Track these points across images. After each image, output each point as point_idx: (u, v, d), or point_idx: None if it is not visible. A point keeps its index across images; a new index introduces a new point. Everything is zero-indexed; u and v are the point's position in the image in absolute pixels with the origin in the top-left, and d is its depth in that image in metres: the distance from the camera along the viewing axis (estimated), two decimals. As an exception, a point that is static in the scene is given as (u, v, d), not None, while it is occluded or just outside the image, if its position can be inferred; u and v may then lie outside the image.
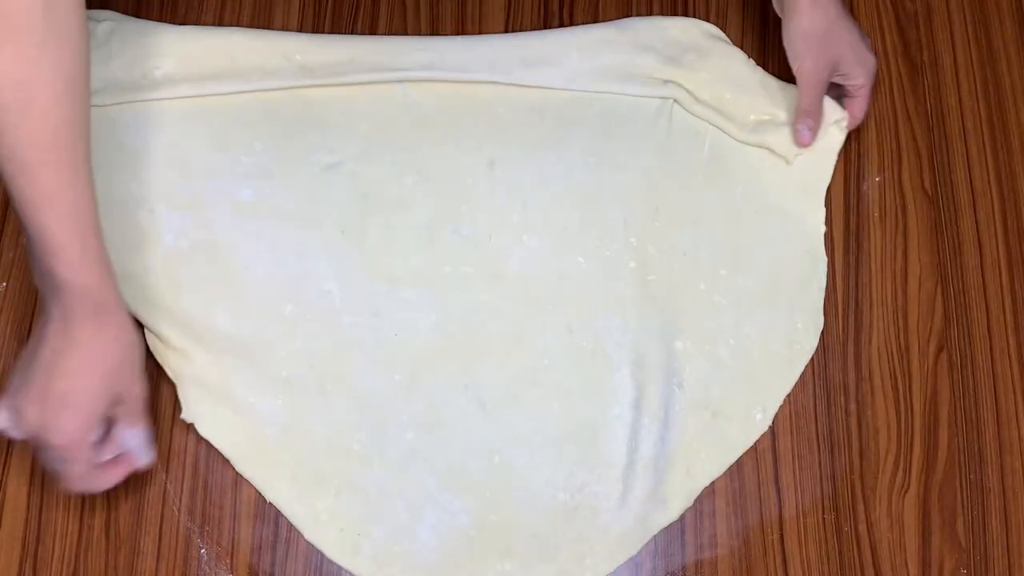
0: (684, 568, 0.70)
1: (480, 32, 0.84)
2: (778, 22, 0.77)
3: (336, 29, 0.83)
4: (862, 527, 0.71)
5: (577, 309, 0.75)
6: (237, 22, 0.83)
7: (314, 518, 0.70)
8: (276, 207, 0.76)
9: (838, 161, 0.80)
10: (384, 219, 0.77)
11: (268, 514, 0.71)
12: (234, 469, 0.71)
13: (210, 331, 0.73)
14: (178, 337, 0.73)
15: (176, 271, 0.74)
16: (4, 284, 0.76)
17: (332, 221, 0.76)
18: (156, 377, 0.73)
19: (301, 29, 0.83)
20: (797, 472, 0.73)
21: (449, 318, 0.75)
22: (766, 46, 0.84)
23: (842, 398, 0.75)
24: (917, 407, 0.74)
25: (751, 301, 0.76)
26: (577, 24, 0.84)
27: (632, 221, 0.77)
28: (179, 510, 0.71)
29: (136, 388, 0.65)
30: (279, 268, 0.75)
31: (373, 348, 0.74)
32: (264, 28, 0.82)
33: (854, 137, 0.81)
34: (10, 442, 0.71)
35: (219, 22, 0.83)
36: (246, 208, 0.76)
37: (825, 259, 0.78)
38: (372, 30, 0.83)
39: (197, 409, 0.71)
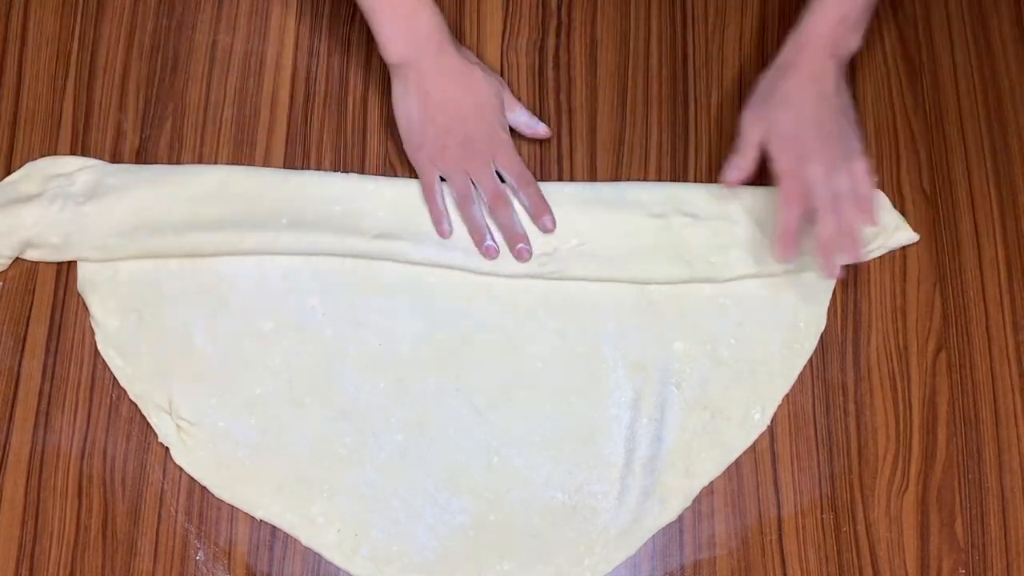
0: (683, 568, 0.70)
1: (479, 32, 0.83)
2: (777, 20, 0.76)
3: (334, 26, 0.83)
4: (861, 527, 0.71)
5: (570, 317, 0.75)
6: (235, 19, 0.83)
7: (310, 522, 0.70)
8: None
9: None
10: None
11: (266, 514, 0.71)
12: (232, 469, 0.71)
13: (186, 350, 0.73)
14: (153, 363, 0.73)
15: (160, 283, 0.74)
16: (1, 284, 0.75)
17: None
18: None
19: (299, 26, 0.83)
20: (796, 472, 0.73)
21: (435, 327, 0.74)
22: (765, 46, 0.84)
23: (841, 398, 0.75)
24: (916, 407, 0.74)
25: (757, 300, 0.76)
26: (575, 24, 0.84)
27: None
28: (176, 511, 0.70)
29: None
30: (264, 283, 0.75)
31: (356, 358, 0.74)
32: (263, 26, 0.82)
33: (853, 137, 0.81)
34: (7, 442, 0.71)
35: (216, 20, 0.83)
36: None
37: None
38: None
39: (169, 438, 0.72)
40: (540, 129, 0.79)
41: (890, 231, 0.77)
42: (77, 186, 0.76)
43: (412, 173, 0.79)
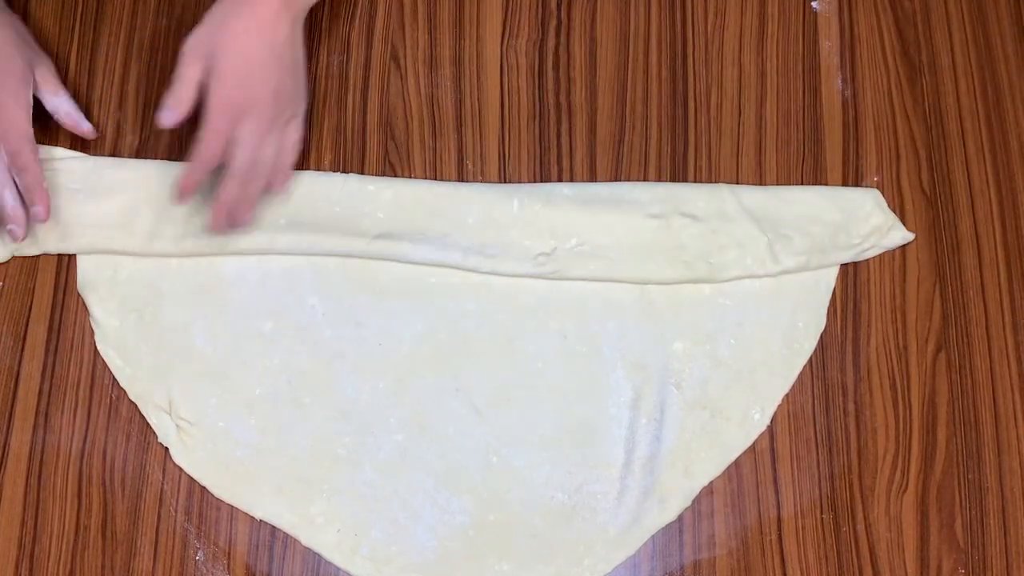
0: (682, 568, 0.70)
1: (478, 32, 0.83)
2: (777, 20, 0.76)
3: (334, 26, 0.83)
4: (860, 527, 0.71)
5: (570, 316, 0.75)
6: (234, 20, 0.83)
7: (309, 522, 0.70)
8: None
9: (835, 161, 0.80)
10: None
11: (266, 514, 0.71)
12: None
13: (186, 350, 0.73)
14: (153, 363, 0.73)
15: (160, 283, 0.74)
16: (1, 283, 0.75)
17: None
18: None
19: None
20: (795, 472, 0.73)
21: (435, 327, 0.74)
22: (764, 46, 0.84)
23: (840, 398, 0.75)
24: (915, 407, 0.74)
25: (756, 300, 0.76)
26: (575, 24, 0.84)
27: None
28: (176, 510, 0.71)
29: None
30: (264, 283, 0.75)
31: (356, 358, 0.74)
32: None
33: (852, 137, 0.81)
34: (7, 442, 0.71)
35: (216, 20, 0.83)
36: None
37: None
38: (370, 29, 0.83)
39: (168, 438, 0.72)
40: (84, 127, 0.75)
41: (883, 231, 0.77)
42: (74, 179, 0.76)
43: (412, 173, 0.79)
